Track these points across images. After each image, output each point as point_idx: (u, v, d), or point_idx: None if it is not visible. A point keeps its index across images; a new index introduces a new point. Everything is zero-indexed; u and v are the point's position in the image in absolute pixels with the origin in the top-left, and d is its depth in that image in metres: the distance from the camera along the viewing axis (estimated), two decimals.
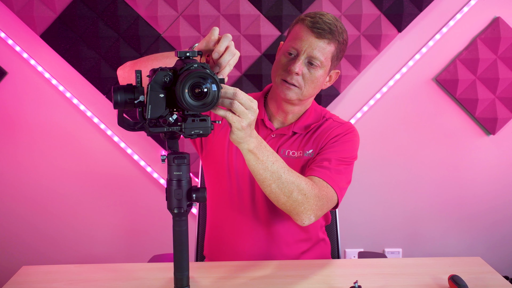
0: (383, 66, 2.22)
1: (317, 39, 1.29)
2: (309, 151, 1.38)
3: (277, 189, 1.17)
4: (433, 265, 1.30)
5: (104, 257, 2.34)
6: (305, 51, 1.29)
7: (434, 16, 2.18)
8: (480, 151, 2.31)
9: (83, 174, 2.27)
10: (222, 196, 1.42)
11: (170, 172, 1.00)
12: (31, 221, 2.30)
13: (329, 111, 1.47)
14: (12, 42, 2.13)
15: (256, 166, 1.13)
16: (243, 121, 1.03)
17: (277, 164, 1.15)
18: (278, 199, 1.20)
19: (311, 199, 1.21)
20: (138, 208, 2.31)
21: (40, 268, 1.30)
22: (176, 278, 1.04)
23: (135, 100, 0.97)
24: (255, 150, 1.10)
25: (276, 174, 1.15)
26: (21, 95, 2.19)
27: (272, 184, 1.16)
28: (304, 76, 1.30)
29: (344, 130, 1.39)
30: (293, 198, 1.19)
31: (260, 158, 1.12)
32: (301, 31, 1.31)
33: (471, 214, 2.37)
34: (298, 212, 1.22)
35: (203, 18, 2.09)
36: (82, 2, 2.08)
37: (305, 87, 1.31)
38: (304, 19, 1.31)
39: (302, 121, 1.40)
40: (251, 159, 1.12)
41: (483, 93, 2.21)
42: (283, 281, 1.20)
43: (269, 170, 1.14)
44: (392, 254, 2.39)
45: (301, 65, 1.29)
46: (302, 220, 1.24)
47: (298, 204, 1.20)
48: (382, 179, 2.33)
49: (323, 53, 1.30)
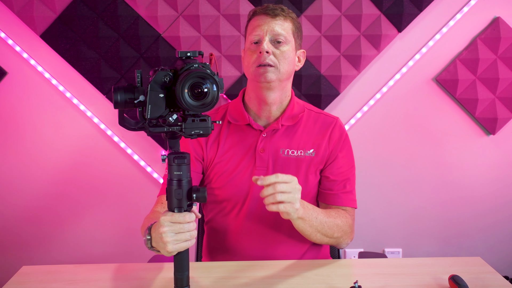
0: (383, 66, 2.22)
1: (273, 18, 1.36)
2: (310, 150, 1.41)
3: (321, 236, 1.32)
4: (433, 265, 1.29)
5: (104, 257, 2.34)
6: (266, 31, 1.35)
7: (434, 16, 2.18)
8: (480, 151, 2.31)
9: (83, 174, 2.27)
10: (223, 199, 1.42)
11: (170, 172, 1.00)
12: (31, 221, 2.30)
13: (312, 105, 1.53)
14: (12, 42, 2.13)
15: (305, 226, 1.27)
16: (296, 204, 1.14)
17: (319, 217, 1.29)
18: (321, 241, 1.36)
19: (347, 229, 1.38)
20: (138, 208, 2.31)
21: (40, 268, 1.30)
22: (176, 278, 1.04)
23: (135, 100, 0.97)
24: (303, 215, 1.23)
25: (320, 225, 1.29)
26: (21, 95, 2.19)
27: (318, 234, 1.31)
28: (275, 54, 1.35)
29: (340, 130, 1.46)
30: (335, 237, 1.36)
31: (307, 219, 1.25)
32: (256, 20, 1.38)
33: (471, 214, 2.37)
34: (338, 243, 1.41)
35: (203, 18, 2.09)
36: (82, 2, 2.08)
37: (280, 65, 1.35)
38: (255, 10, 1.40)
39: (288, 112, 1.43)
40: (300, 223, 1.26)
41: (483, 93, 2.21)
42: (283, 281, 1.20)
43: (314, 225, 1.28)
44: (392, 254, 2.39)
45: (268, 43, 1.35)
46: (341, 247, 1.45)
47: (338, 239, 1.37)
48: (382, 179, 2.33)
49: (284, 29, 1.36)
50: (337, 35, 2.13)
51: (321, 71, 2.16)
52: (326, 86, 2.17)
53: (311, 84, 2.17)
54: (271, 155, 1.39)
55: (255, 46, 1.36)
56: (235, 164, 1.40)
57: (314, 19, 2.11)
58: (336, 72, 2.16)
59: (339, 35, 2.12)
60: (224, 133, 1.42)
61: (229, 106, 1.47)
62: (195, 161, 1.41)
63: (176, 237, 1.00)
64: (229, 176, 1.39)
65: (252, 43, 1.37)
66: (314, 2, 2.10)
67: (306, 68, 2.14)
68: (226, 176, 1.40)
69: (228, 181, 1.40)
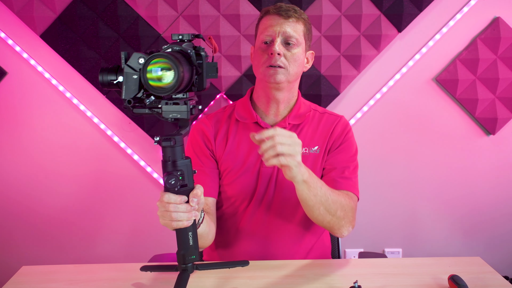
0: (383, 66, 2.22)
1: (285, 19, 1.35)
2: (315, 147, 1.42)
3: (324, 211, 1.25)
4: (433, 265, 1.30)
5: (104, 257, 2.34)
6: (278, 33, 1.34)
7: (434, 16, 2.18)
8: (480, 151, 2.31)
9: (82, 174, 2.27)
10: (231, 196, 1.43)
11: (164, 155, 1.01)
12: (31, 221, 2.30)
13: (317, 105, 1.53)
14: (12, 42, 2.13)
15: (309, 194, 1.20)
16: (297, 157, 1.09)
17: (324, 188, 1.23)
18: (324, 219, 1.27)
19: (349, 212, 1.31)
20: (138, 208, 2.31)
21: (40, 268, 1.30)
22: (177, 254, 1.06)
23: (115, 80, 0.99)
24: (308, 179, 1.17)
25: (324, 197, 1.23)
26: (21, 95, 2.19)
27: (321, 207, 1.24)
28: (286, 56, 1.35)
29: (343, 126, 1.46)
30: (337, 216, 1.28)
31: (312, 186, 1.19)
32: (268, 20, 1.37)
33: (471, 214, 2.37)
34: (340, 227, 1.31)
35: (203, 18, 2.09)
36: (82, 2, 2.08)
37: (290, 66, 1.35)
38: (268, 10, 1.38)
39: (295, 111, 1.44)
40: (304, 188, 1.18)
41: (483, 93, 2.21)
42: (283, 281, 1.20)
43: (318, 195, 1.21)
44: (392, 254, 2.39)
45: (280, 45, 1.34)
46: (342, 233, 1.34)
47: (340, 220, 1.29)
48: (382, 179, 2.33)
49: (296, 31, 1.35)
50: (337, 35, 2.13)
51: (321, 71, 2.16)
52: (326, 86, 2.17)
53: (311, 84, 2.17)
54: None
55: (266, 46, 1.36)
56: (242, 162, 1.41)
57: (314, 19, 2.11)
58: (336, 72, 2.16)
59: (339, 35, 2.12)
60: (233, 130, 1.44)
61: (237, 104, 1.49)
62: (208, 161, 1.42)
63: (162, 214, 1.04)
64: (237, 173, 1.41)
65: (263, 42, 1.37)
66: (314, 2, 2.10)
67: None
68: (234, 173, 1.41)
69: (236, 178, 1.41)
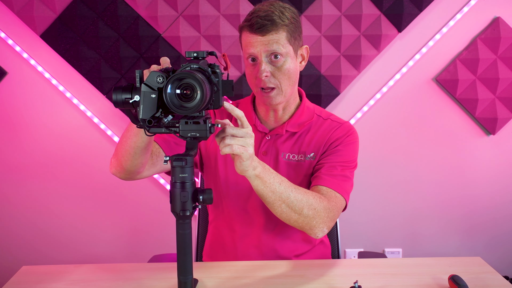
0: (383, 66, 2.22)
1: (264, 36, 1.26)
2: (311, 154, 1.38)
3: (287, 209, 1.19)
4: (433, 265, 1.29)
5: (104, 257, 2.34)
6: (260, 52, 1.27)
7: (434, 16, 2.18)
8: (480, 151, 2.31)
9: (83, 174, 2.27)
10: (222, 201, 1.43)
11: (174, 175, 0.97)
12: (31, 221, 2.30)
13: (324, 110, 1.47)
14: (12, 42, 2.13)
15: (265, 189, 1.15)
16: (249, 149, 1.05)
17: (284, 184, 1.17)
18: (289, 217, 1.21)
19: (322, 212, 1.22)
20: (138, 208, 2.31)
21: (40, 268, 1.30)
22: (180, 282, 1.02)
23: (131, 99, 0.97)
24: (262, 174, 1.12)
25: (284, 194, 1.16)
26: (21, 95, 2.19)
27: (282, 204, 1.18)
28: (275, 74, 1.29)
29: (344, 132, 1.39)
30: (304, 215, 1.20)
31: (268, 182, 1.14)
32: (247, 38, 1.29)
33: (471, 214, 2.37)
34: (311, 227, 1.24)
35: (203, 18, 2.09)
36: (82, 2, 2.08)
37: (282, 84, 1.30)
38: (243, 26, 1.30)
39: (295, 119, 1.39)
40: (259, 184, 1.14)
41: (483, 93, 2.21)
42: (283, 281, 1.20)
43: (277, 192, 1.16)
44: (392, 254, 2.39)
45: (265, 66, 1.28)
46: (315, 234, 1.26)
47: (310, 220, 1.21)
48: (382, 179, 2.33)
49: (278, 43, 1.27)
50: (337, 35, 2.13)
51: (321, 71, 2.16)
52: (326, 86, 2.17)
53: (311, 84, 2.17)
54: (273, 158, 1.39)
55: (252, 64, 1.31)
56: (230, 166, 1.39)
57: (314, 19, 2.11)
58: (336, 72, 2.16)
59: (339, 35, 2.12)
60: None
61: (239, 104, 1.47)
62: None
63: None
64: (232, 176, 1.40)
65: (249, 59, 1.31)
66: (314, 2, 2.10)
67: (306, 68, 2.14)
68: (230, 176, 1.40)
69: (231, 181, 1.40)
